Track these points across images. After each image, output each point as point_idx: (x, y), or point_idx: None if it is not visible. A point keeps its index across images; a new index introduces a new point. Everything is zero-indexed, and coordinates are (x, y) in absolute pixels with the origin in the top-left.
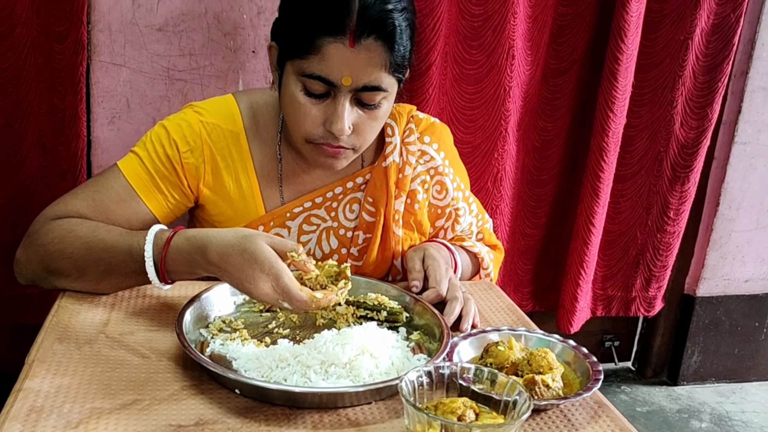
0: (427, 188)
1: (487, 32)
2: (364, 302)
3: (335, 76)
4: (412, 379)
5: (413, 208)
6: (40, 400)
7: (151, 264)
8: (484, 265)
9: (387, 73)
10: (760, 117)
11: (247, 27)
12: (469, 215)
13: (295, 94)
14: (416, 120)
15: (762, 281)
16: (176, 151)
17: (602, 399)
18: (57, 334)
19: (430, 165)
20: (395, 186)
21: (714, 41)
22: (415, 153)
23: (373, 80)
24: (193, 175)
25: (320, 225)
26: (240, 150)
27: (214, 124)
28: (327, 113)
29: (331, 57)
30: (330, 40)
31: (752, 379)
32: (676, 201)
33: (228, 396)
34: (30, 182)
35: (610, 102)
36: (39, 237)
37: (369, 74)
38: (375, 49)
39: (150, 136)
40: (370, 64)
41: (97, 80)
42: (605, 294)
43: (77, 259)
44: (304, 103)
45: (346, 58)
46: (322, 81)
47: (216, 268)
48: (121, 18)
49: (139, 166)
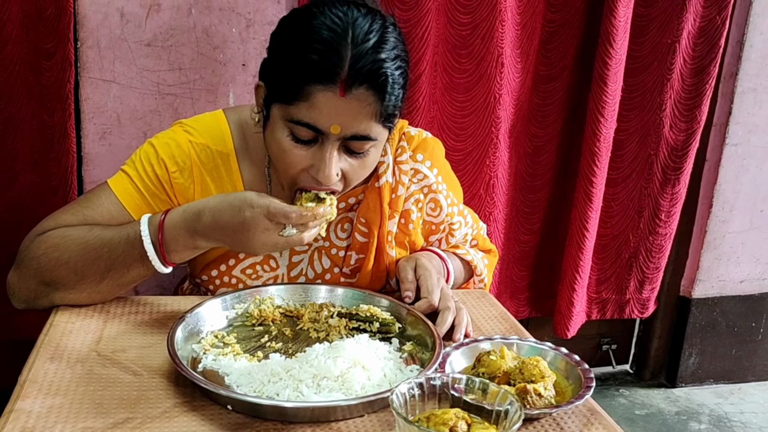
0: (421, 207)
1: (475, 40)
2: (357, 314)
3: (324, 124)
4: (403, 391)
5: (407, 228)
6: (32, 421)
7: (149, 243)
8: (477, 272)
9: (377, 123)
10: (751, 118)
11: (236, 40)
12: (464, 227)
13: (281, 140)
14: (408, 137)
15: (757, 281)
16: (165, 170)
17: (595, 406)
18: (49, 353)
19: (424, 183)
20: (389, 206)
21: (701, 44)
22: (407, 172)
23: (363, 130)
24: (183, 194)
25: (312, 245)
26: (230, 171)
27: (203, 144)
28: (314, 159)
29: (320, 105)
30: (320, 88)
31: (750, 380)
32: (667, 203)
33: (220, 412)
34: (23, 198)
35: (600, 107)
36: (30, 251)
37: (358, 124)
38: (366, 98)
39: (139, 154)
40: (360, 113)
41: (87, 96)
42: (600, 297)
43: (75, 263)
44: (290, 148)
45: (335, 107)
46: (309, 128)
47: (212, 230)
48: (109, 34)
49: (129, 185)
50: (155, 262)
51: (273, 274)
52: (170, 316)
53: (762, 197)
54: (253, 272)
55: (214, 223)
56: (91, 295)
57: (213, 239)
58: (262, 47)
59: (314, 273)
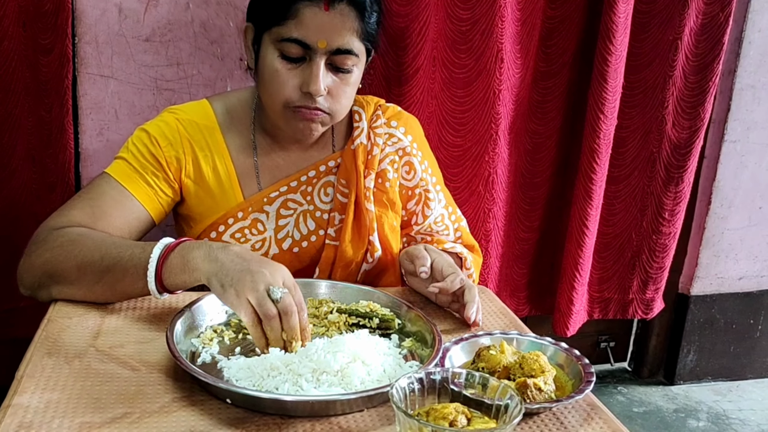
0: (397, 168)
1: (475, 36)
2: (356, 310)
3: (312, 38)
4: (403, 385)
5: (384, 186)
6: (29, 416)
7: (159, 248)
8: (467, 265)
9: (358, 39)
10: (749, 115)
11: (233, 34)
12: (438, 204)
13: (272, 62)
14: (383, 108)
15: (755, 279)
16: (158, 147)
17: (595, 401)
18: (46, 348)
19: (398, 146)
20: (363, 165)
21: (703, 41)
22: (382, 135)
23: (346, 43)
24: (176, 167)
25: (297, 209)
26: (216, 141)
27: (189, 119)
28: (303, 76)
29: (307, 20)
30: (306, 4)
31: (749, 377)
32: (671, 202)
33: (219, 407)
34: (21, 194)
35: (600, 104)
36: (46, 243)
37: (342, 37)
38: (348, 14)
39: (132, 140)
40: (344, 27)
41: (84, 92)
42: (602, 297)
43: (82, 258)
44: (280, 68)
45: (321, 22)
46: (298, 44)
47: (233, 253)
48: (107, 30)
49: (126, 167)
50: (151, 264)
51: (261, 237)
52: (168, 312)
53: (761, 194)
54: (242, 236)
55: (238, 249)
56: (86, 294)
57: (222, 256)
58: None
59: (300, 234)
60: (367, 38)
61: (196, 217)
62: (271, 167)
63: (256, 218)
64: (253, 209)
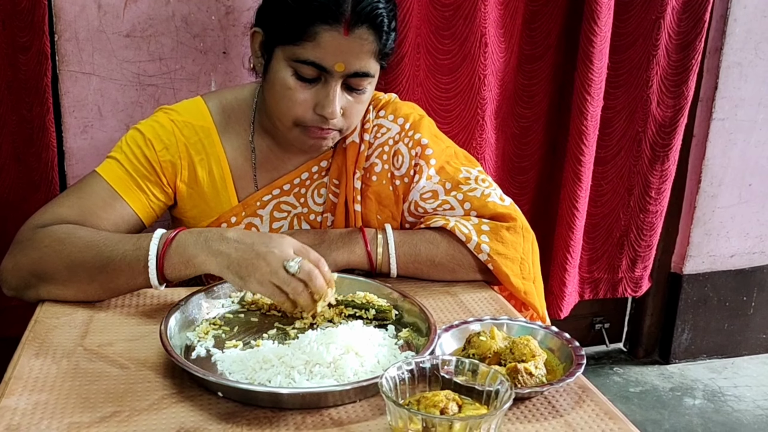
0: (387, 158)
1: (458, 21)
2: (353, 301)
3: (329, 62)
4: (393, 375)
5: (371, 180)
6: (17, 418)
7: (156, 240)
8: (468, 241)
9: (375, 61)
10: (737, 92)
11: (216, 28)
12: (429, 181)
13: (285, 79)
14: (375, 99)
15: (747, 256)
16: (153, 150)
17: (586, 383)
18: (34, 349)
19: (388, 136)
20: (354, 165)
21: (685, 19)
22: (369, 130)
23: (363, 67)
24: (171, 171)
25: (291, 211)
26: (212, 143)
27: (184, 121)
28: (318, 98)
29: (326, 44)
30: (326, 28)
31: (743, 354)
32: (657, 180)
33: (209, 402)
34: (7, 194)
35: (586, 85)
36: (33, 242)
37: (360, 61)
38: (366, 37)
39: (126, 140)
40: (362, 51)
41: (66, 90)
42: (592, 277)
43: (74, 258)
44: (294, 87)
45: (340, 46)
46: (315, 67)
47: (232, 240)
48: (87, 26)
49: (118, 169)
50: (152, 257)
51: None
52: (157, 309)
53: (750, 171)
54: None
55: (237, 235)
56: (77, 294)
57: (224, 247)
58: (242, 34)
59: None
60: (383, 58)
61: (189, 220)
62: (269, 168)
63: (249, 222)
64: (246, 213)
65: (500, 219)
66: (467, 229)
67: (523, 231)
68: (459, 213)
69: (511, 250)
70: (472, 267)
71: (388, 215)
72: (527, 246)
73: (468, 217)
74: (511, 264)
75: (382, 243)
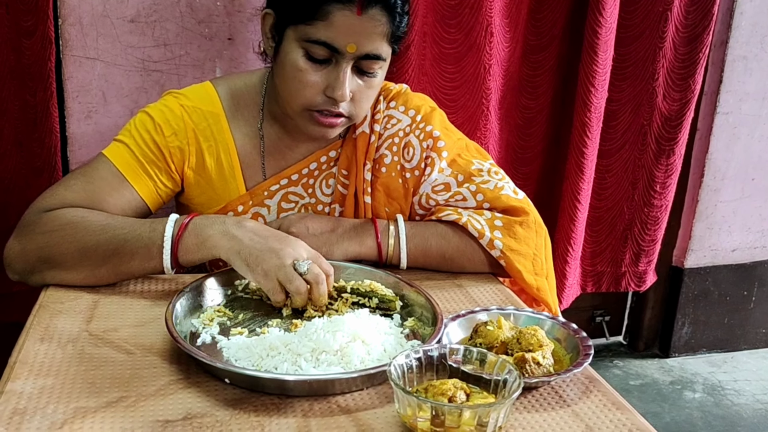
0: (397, 150)
1: (464, 10)
2: (357, 288)
3: (341, 42)
4: (401, 362)
5: (380, 171)
6: (23, 402)
7: (171, 225)
8: (477, 234)
9: (387, 43)
10: (741, 86)
11: (221, 14)
12: (436, 171)
13: (296, 60)
14: (385, 89)
15: (749, 250)
16: (162, 136)
17: (593, 374)
18: (39, 333)
19: (398, 127)
20: (364, 156)
21: (693, 12)
22: (380, 121)
23: (375, 49)
24: (179, 158)
25: (298, 202)
26: (220, 130)
27: (194, 106)
28: (328, 80)
29: (338, 24)
30: (339, 7)
31: (743, 348)
32: (662, 174)
33: (216, 388)
34: (10, 179)
35: (591, 77)
36: (40, 226)
37: (372, 42)
38: (379, 18)
39: (134, 123)
40: (375, 32)
41: (70, 75)
42: (594, 270)
43: (87, 241)
44: (305, 68)
45: (352, 26)
46: (326, 47)
47: (249, 229)
48: (91, 11)
49: (126, 153)
50: (167, 240)
51: None
52: (162, 294)
53: (753, 165)
54: None
55: (254, 226)
56: (86, 278)
57: (239, 232)
58: (248, 20)
59: None
60: (395, 41)
61: (197, 207)
62: (277, 157)
63: (257, 212)
64: (253, 203)
65: (513, 212)
66: (480, 225)
67: (536, 226)
68: (471, 205)
69: (524, 246)
70: (482, 262)
71: (396, 208)
72: (540, 241)
73: (481, 211)
74: (524, 260)
75: (393, 235)
